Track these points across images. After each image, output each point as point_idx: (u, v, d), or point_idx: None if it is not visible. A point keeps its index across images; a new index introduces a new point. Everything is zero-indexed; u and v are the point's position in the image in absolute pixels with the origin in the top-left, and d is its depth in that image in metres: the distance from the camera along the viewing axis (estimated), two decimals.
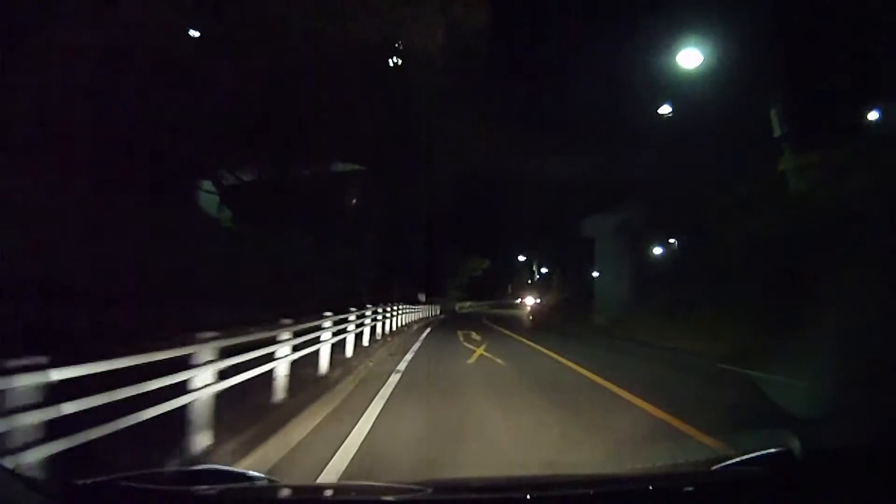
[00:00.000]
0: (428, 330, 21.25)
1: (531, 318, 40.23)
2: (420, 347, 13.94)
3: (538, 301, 53.34)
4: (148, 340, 3.71)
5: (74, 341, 6.16)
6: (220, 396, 4.44)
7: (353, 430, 5.21)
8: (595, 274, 30.82)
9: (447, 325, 25.21)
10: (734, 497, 1.76)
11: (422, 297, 39.12)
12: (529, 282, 75.06)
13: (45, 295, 7.37)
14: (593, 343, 16.85)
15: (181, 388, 3.91)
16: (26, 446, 2.52)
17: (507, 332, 21.56)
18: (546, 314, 40.35)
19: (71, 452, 2.78)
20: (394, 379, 8.46)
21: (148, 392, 3.47)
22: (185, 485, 1.72)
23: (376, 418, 5.80)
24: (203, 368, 4.13)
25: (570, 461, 4.47)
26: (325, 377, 7.71)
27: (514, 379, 9.33)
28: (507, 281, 78.94)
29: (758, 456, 1.97)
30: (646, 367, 11.27)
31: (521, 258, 68.60)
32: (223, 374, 4.52)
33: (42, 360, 2.64)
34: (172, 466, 3.56)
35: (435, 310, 36.48)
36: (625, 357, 13.17)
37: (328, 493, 2.33)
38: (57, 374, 2.72)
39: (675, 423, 5.70)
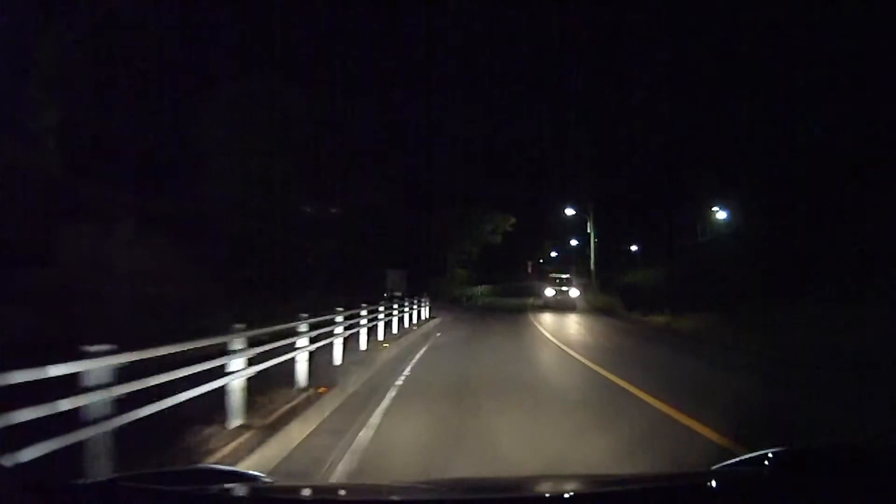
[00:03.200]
0: None
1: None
2: None
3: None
4: None
5: None
6: None
7: None
8: None
9: None
10: (734, 497, 1.75)
11: (396, 286, 22.28)
12: (554, 255, 56.46)
13: None
14: None
15: None
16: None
17: None
18: None
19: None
20: None
21: None
22: (185, 485, 1.72)
23: None
24: None
25: None
26: None
27: None
28: (535, 252, 54.34)
29: (758, 456, 1.97)
30: None
31: (570, 212, 39.87)
32: None
33: None
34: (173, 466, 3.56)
35: (420, 309, 18.35)
36: None
37: (328, 493, 2.34)
38: None
39: None
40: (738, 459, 2.08)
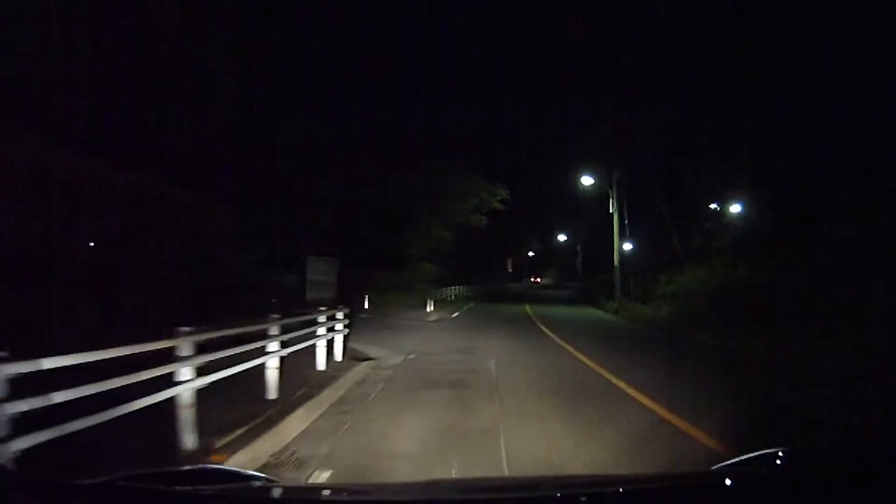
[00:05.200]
0: None
1: None
2: None
3: None
4: None
5: None
6: None
7: None
8: None
9: None
10: (734, 497, 1.76)
11: (320, 284, 14.88)
12: (531, 253, 50.11)
13: None
14: None
15: None
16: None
17: None
18: None
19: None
20: None
21: None
22: (184, 485, 1.72)
23: None
24: None
25: None
26: None
27: None
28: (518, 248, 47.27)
29: (758, 456, 1.98)
30: None
31: (588, 181, 28.77)
32: None
33: None
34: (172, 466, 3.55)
35: (321, 341, 8.00)
36: None
37: (326, 493, 2.34)
38: None
39: None
40: (737, 460, 2.08)
